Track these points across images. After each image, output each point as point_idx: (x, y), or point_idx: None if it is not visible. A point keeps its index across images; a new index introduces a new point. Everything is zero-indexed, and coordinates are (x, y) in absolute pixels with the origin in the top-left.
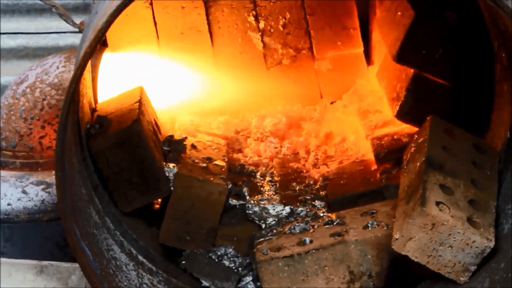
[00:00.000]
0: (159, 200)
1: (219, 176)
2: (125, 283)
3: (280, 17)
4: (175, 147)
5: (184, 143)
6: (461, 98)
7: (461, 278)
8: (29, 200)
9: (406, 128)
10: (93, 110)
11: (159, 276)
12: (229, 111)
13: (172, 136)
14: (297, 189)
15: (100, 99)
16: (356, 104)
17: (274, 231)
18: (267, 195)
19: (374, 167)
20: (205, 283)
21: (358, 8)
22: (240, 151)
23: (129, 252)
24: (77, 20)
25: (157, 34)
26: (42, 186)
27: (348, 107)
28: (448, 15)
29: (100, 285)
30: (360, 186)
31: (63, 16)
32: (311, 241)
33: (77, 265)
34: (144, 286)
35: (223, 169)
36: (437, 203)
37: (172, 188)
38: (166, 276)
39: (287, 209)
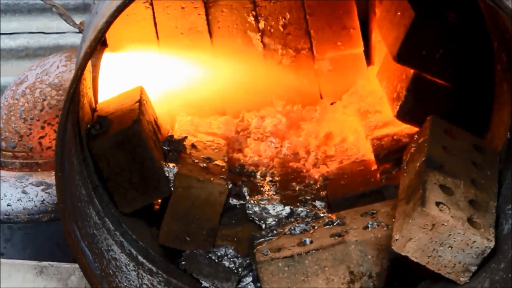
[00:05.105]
0: (159, 200)
1: (219, 176)
2: (125, 284)
3: (280, 17)
4: (175, 147)
5: (184, 143)
6: (461, 98)
7: (461, 279)
8: (29, 201)
9: (406, 128)
10: (94, 110)
11: (159, 276)
12: (229, 111)
13: (172, 136)
14: (297, 189)
15: (101, 99)
16: (356, 105)
17: (274, 231)
18: (267, 195)
19: (374, 167)
20: (205, 284)
21: (358, 8)
22: (240, 151)
23: (129, 252)
24: (77, 20)
25: (157, 34)
26: (42, 187)
27: (348, 108)
28: (448, 15)
29: (100, 285)
30: (360, 186)
31: (63, 16)
32: (311, 242)
33: (77, 265)
34: (144, 286)
35: (223, 169)
36: (437, 204)
37: (172, 188)
38: (166, 277)
39: (287, 209)
